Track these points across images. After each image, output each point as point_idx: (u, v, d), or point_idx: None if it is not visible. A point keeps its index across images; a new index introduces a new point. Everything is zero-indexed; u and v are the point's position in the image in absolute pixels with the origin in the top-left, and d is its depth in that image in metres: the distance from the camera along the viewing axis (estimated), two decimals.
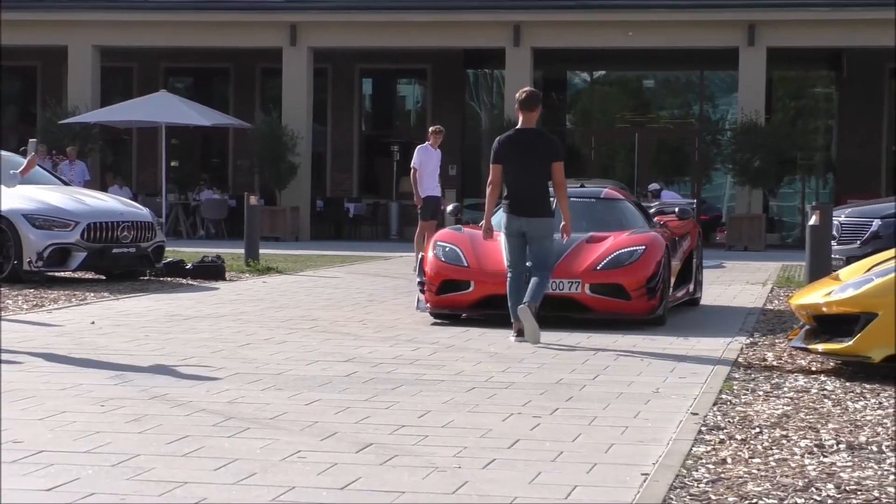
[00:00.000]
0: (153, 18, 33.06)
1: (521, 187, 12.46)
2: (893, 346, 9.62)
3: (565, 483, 6.27)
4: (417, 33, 32.23)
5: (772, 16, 30.53)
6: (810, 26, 30.70)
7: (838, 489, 6.19)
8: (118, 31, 32.98)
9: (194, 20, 32.95)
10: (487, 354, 11.09)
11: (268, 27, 32.39)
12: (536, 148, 12.50)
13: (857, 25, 30.52)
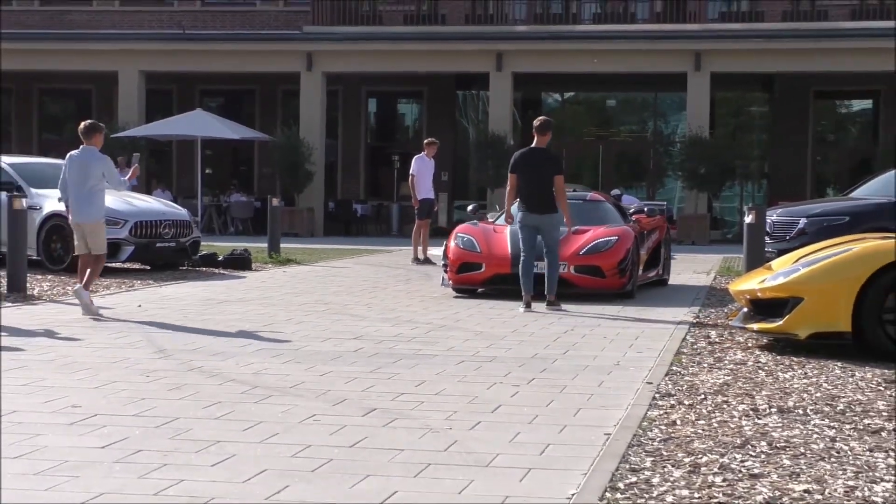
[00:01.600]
0: (191, 48, 33.01)
1: (531, 192, 13.43)
2: (816, 325, 9.65)
3: (540, 441, 6.29)
4: (415, 60, 32.21)
5: (715, 45, 30.54)
6: (747, 55, 30.73)
7: (770, 446, 6.21)
8: (161, 58, 32.96)
9: (225, 49, 32.91)
10: (474, 333, 11.09)
11: (288, 55, 32.37)
12: (543, 164, 13.55)
13: (787, 54, 30.55)
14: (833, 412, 7.21)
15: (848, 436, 6.51)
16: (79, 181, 12.59)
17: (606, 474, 5.52)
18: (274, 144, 32.14)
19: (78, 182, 12.61)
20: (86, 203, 12.55)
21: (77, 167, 12.67)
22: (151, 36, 33.90)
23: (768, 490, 5.29)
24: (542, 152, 13.68)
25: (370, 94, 35.83)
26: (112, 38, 33.57)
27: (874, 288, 9.44)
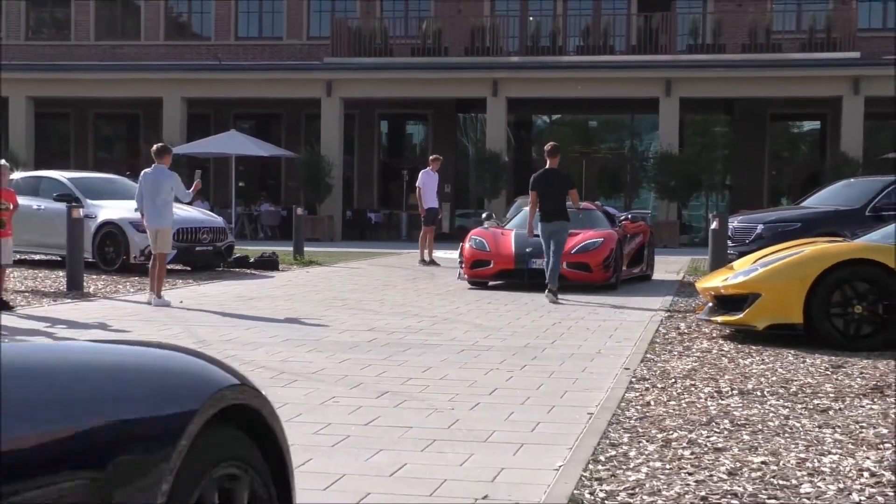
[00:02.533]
0: (226, 77, 33.05)
1: (548, 204, 14.10)
2: (772, 318, 9.67)
3: (531, 420, 6.31)
4: (421, 87, 32.21)
5: (683, 74, 30.56)
6: (711, 82, 30.75)
7: (732, 423, 6.22)
8: (200, 86, 32.99)
9: (256, 78, 32.93)
10: (474, 325, 11.10)
11: (310, 83, 32.37)
12: (557, 182, 14.27)
13: (745, 81, 30.58)
14: (787, 394, 7.22)
15: (800, 414, 6.52)
16: (152, 193, 13.38)
17: (589, 448, 5.53)
18: (298, 161, 32.18)
19: (151, 194, 13.38)
20: (158, 212, 13.38)
21: (150, 182, 13.43)
22: (192, 67, 33.92)
23: (730, 462, 5.30)
24: (555, 172, 14.39)
25: (382, 116, 35.83)
26: (158, 69, 33.61)
27: (822, 285, 9.47)
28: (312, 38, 35.86)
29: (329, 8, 35.84)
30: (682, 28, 33.76)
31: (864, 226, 13.50)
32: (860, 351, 9.15)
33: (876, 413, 6.58)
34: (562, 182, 14.29)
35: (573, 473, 5.02)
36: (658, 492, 4.75)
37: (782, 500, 4.63)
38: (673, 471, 5.12)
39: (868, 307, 9.42)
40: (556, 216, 14.06)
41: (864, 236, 10.99)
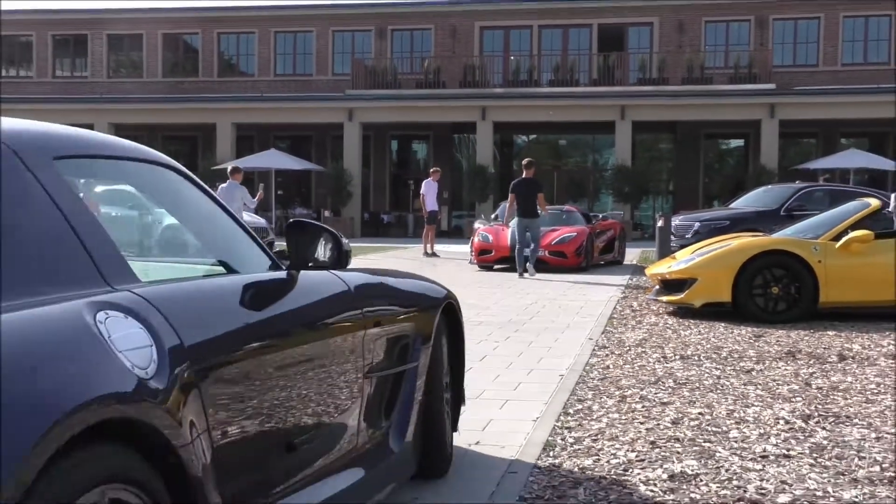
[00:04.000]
0: (267, 106, 33.04)
1: (524, 205, 15.00)
2: (707, 297, 9.69)
3: (514, 381, 6.31)
4: (424, 113, 32.19)
5: (634, 102, 30.56)
6: (657, 108, 30.75)
7: (675, 382, 6.22)
8: (246, 113, 32.98)
9: (291, 107, 32.92)
10: (467, 305, 11.00)
11: (335, 110, 32.35)
12: (531, 188, 15.14)
13: (685, 107, 30.57)
14: (718, 358, 7.22)
15: (729, 374, 6.53)
16: (227, 201, 13.73)
17: (560, 403, 5.53)
18: (325, 173, 32.18)
19: (227, 202, 13.81)
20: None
21: (225, 193, 14.55)
22: (240, 98, 33.90)
23: (674, 413, 5.30)
24: (530, 181, 15.22)
25: (392, 137, 35.81)
26: (213, 100, 33.59)
27: (747, 271, 9.52)
28: (336, 75, 35.85)
29: (350, 50, 35.93)
30: (633, 65, 33.84)
31: (779, 223, 13.52)
32: (776, 323, 9.18)
33: (789, 373, 6.59)
34: (534, 188, 15.17)
35: (548, 423, 5.02)
36: (616, 437, 4.76)
37: (715, 443, 4.63)
38: (628, 420, 5.12)
39: (783, 288, 9.46)
40: (528, 214, 14.99)
41: (779, 232, 11.01)
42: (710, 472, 4.15)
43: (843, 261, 9.45)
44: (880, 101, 28.75)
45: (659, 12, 34.40)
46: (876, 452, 4.49)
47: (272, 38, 36.65)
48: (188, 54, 37.62)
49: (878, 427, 5.01)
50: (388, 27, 35.91)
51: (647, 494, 3.83)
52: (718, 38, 34.04)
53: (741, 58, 32.93)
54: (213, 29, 36.99)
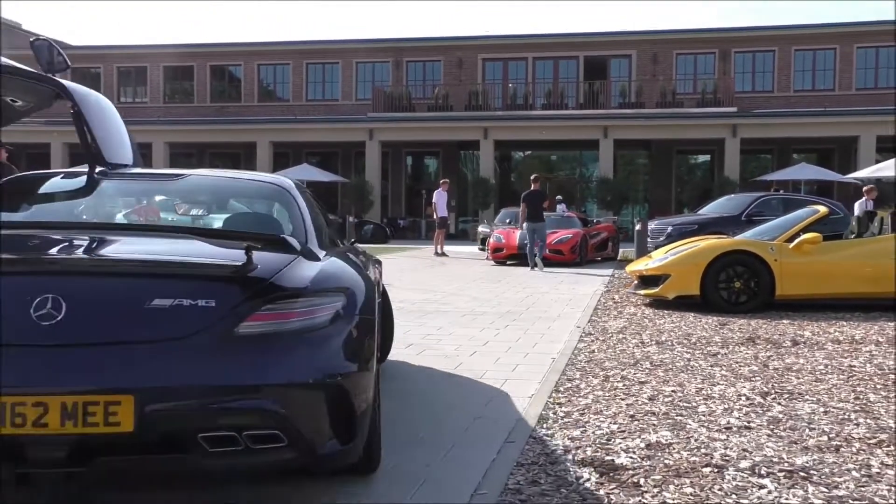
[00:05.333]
0: (299, 126, 33.03)
1: (532, 211, 15.89)
2: (679, 291, 9.66)
3: (512, 363, 6.29)
4: (434, 132, 32.18)
5: (615, 123, 30.46)
6: (635, 128, 30.65)
7: (651, 364, 6.20)
8: (282, 133, 32.99)
9: (320, 127, 32.92)
10: (472, 298, 11.08)
11: (358, 131, 32.34)
12: (538, 198, 16.05)
13: (659, 127, 30.50)
14: (689, 343, 7.20)
15: (698, 357, 6.50)
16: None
17: (552, 382, 5.52)
18: (350, 184, 32.15)
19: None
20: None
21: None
22: (276, 120, 33.90)
23: (650, 391, 5.28)
24: (537, 192, 16.17)
25: (407, 153, 35.79)
26: (253, 121, 33.63)
27: (713, 268, 9.48)
28: (359, 100, 35.85)
29: (370, 79, 35.93)
30: (615, 91, 33.75)
31: (741, 227, 13.48)
32: (739, 313, 9.14)
33: (750, 356, 6.56)
34: (540, 198, 16.15)
35: (541, 400, 5.01)
36: (600, 412, 4.74)
37: (685, 417, 4.61)
38: (610, 397, 5.11)
39: (744, 283, 9.42)
40: (535, 219, 15.92)
41: (741, 234, 10.97)
42: (681, 441, 4.13)
43: (795, 259, 9.42)
44: (827, 121, 28.87)
45: (637, 46, 34.38)
46: (824, 424, 4.47)
47: (304, 69, 36.67)
48: (232, 82, 37.66)
49: (826, 402, 4.98)
50: (404, 59, 35.91)
51: (626, 461, 3.81)
52: (688, 67, 33.99)
53: (707, 85, 32.86)
54: (253, 61, 37.03)
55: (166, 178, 4.67)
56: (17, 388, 2.63)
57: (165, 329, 2.79)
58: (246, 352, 2.81)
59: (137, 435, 2.67)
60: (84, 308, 2.79)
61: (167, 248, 3.40)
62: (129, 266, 3.09)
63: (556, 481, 3.53)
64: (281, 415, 2.79)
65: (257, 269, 3.03)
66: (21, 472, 2.66)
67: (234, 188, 4.75)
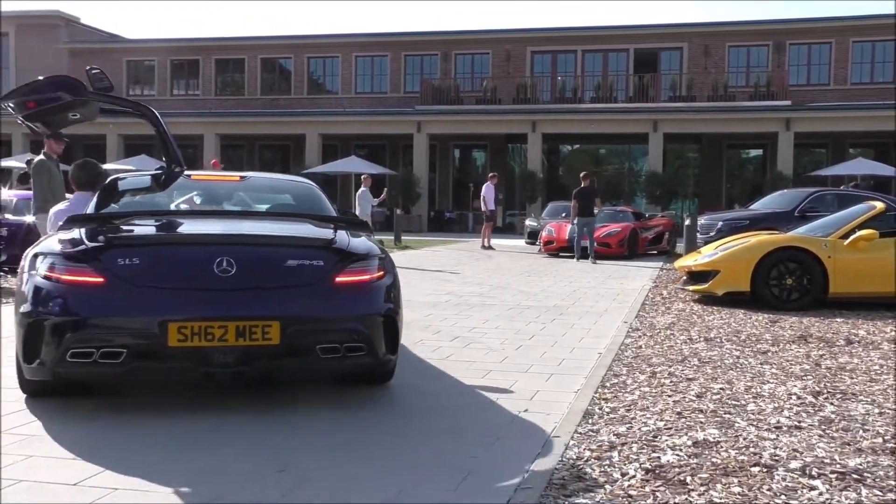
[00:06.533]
0: (348, 119, 33.20)
1: (583, 206, 16.49)
2: (728, 287, 9.54)
3: (558, 357, 6.26)
4: (481, 125, 32.15)
5: (665, 116, 30.09)
6: (685, 122, 30.26)
7: (699, 361, 6.13)
8: (331, 126, 33.19)
9: (369, 119, 33.05)
10: (518, 291, 11.06)
11: (406, 123, 32.43)
12: (588, 194, 16.58)
13: (710, 121, 30.07)
14: (738, 340, 7.09)
15: (747, 355, 6.40)
16: (364, 201, 17.48)
17: (598, 378, 5.48)
18: (397, 177, 32.25)
19: (361, 201, 17.47)
20: (363, 211, 17.22)
21: (362, 194, 17.46)
22: (325, 112, 34.10)
23: (698, 388, 5.22)
24: (588, 188, 16.67)
25: (455, 146, 35.80)
26: (302, 114, 33.87)
27: (764, 264, 9.34)
28: (407, 93, 35.94)
29: (419, 71, 35.97)
30: (665, 84, 33.36)
31: (793, 223, 13.22)
32: (790, 310, 8.99)
33: (801, 354, 6.44)
34: (591, 194, 16.60)
35: (587, 395, 4.98)
36: (646, 408, 4.70)
37: (734, 415, 4.55)
38: (657, 394, 5.05)
39: (796, 280, 9.26)
40: (586, 214, 16.52)
41: (793, 230, 10.78)
42: (729, 439, 4.07)
43: (850, 256, 9.23)
44: (884, 115, 28.10)
45: (688, 38, 33.90)
46: (879, 426, 4.37)
47: (353, 61, 36.87)
48: (282, 75, 38.01)
49: (881, 403, 4.87)
50: (452, 52, 35.88)
51: (673, 458, 3.77)
52: (740, 60, 33.45)
53: (760, 78, 32.32)
54: (303, 54, 37.33)
55: (231, 179, 6.39)
56: (208, 316, 4.08)
57: (296, 279, 4.32)
58: (342, 294, 4.37)
59: (281, 346, 4.13)
60: (247, 266, 4.28)
61: (288, 226, 4.97)
62: (272, 239, 4.61)
63: (601, 477, 3.51)
64: (364, 334, 4.35)
65: (338, 240, 4.70)
66: (207, 371, 4.15)
67: (281, 184, 6.58)
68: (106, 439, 3.91)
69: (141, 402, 4.62)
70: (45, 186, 8.48)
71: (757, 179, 32.62)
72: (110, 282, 4.13)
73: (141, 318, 4.06)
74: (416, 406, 4.67)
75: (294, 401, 4.70)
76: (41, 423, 4.19)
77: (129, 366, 4.06)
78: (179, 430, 4.07)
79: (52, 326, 4.08)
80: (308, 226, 5.03)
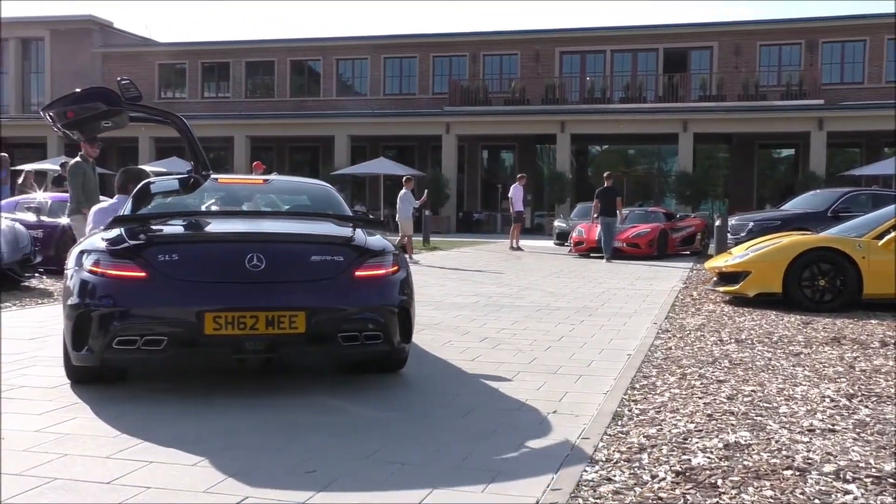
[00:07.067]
0: (377, 121, 33.32)
1: (604, 206, 16.86)
2: (760, 288, 9.45)
3: (587, 359, 6.23)
4: (510, 126, 32.11)
5: (695, 116, 29.84)
6: (716, 122, 30.00)
7: (730, 363, 6.06)
8: (359, 127, 33.30)
9: (397, 121, 33.14)
10: (547, 292, 11.02)
11: (434, 124, 32.47)
12: (610, 195, 17.02)
13: (740, 121, 29.80)
14: (770, 342, 7.01)
15: (779, 357, 6.33)
16: (406, 202, 17.67)
17: (628, 379, 5.44)
18: (426, 178, 32.28)
19: (403, 203, 17.68)
20: (402, 212, 17.62)
21: (404, 195, 17.72)
22: (354, 114, 34.24)
23: (729, 390, 5.16)
24: (610, 188, 17.15)
25: (483, 147, 35.80)
26: (331, 115, 34.02)
27: (796, 265, 9.24)
28: (436, 94, 35.99)
29: (447, 72, 36.04)
30: (695, 84, 33.13)
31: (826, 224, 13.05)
32: (823, 312, 8.88)
33: (834, 357, 6.36)
34: (612, 195, 17.01)
35: (616, 396, 4.95)
36: (677, 410, 4.66)
37: (766, 417, 4.49)
38: (687, 395, 5.01)
39: (829, 281, 9.15)
40: (608, 214, 16.86)
41: (826, 231, 10.64)
42: (761, 442, 4.02)
43: (884, 257, 9.09)
44: None
45: (718, 37, 33.62)
46: None
47: (382, 63, 36.99)
48: (311, 77, 38.24)
49: None
50: (481, 53, 35.87)
51: (704, 460, 3.73)
52: (772, 59, 33.11)
53: (792, 76, 31.98)
54: (332, 56, 37.52)
55: (255, 182, 6.94)
56: (241, 307, 4.44)
57: (319, 273, 4.68)
58: (361, 287, 4.75)
59: (307, 334, 4.50)
60: (275, 261, 4.63)
61: (311, 226, 5.31)
62: (298, 237, 4.96)
63: (630, 479, 3.48)
64: (381, 323, 4.72)
65: (357, 238, 5.07)
66: (239, 357, 4.58)
67: (301, 186, 7.13)
68: (138, 440, 3.95)
69: (171, 403, 4.66)
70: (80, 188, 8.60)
71: (789, 179, 32.27)
72: (152, 276, 4.52)
73: (180, 308, 4.44)
74: (444, 408, 4.67)
75: (323, 403, 4.72)
76: (76, 422, 4.25)
77: (169, 352, 4.44)
78: (207, 435, 4.10)
79: (99, 317, 4.48)
80: (329, 224, 5.39)
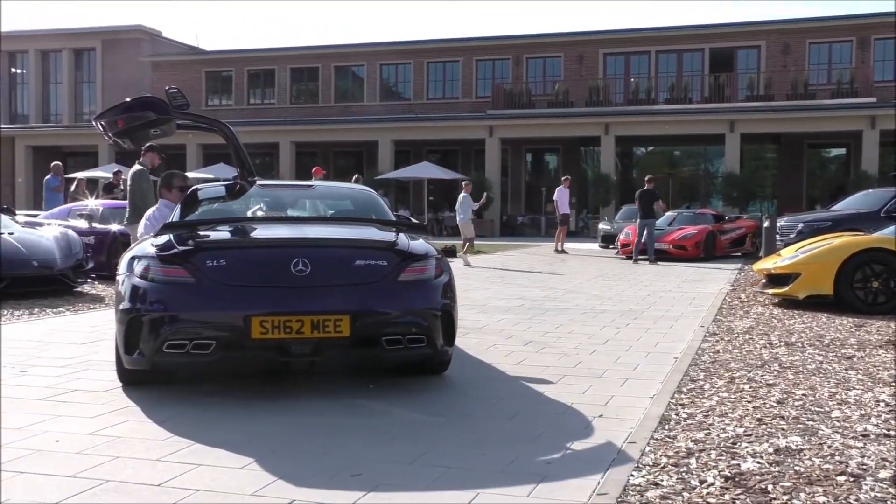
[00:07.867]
0: (420, 125, 33.44)
1: (645, 209, 17.15)
2: (810, 290, 9.28)
3: (633, 362, 6.17)
4: (554, 129, 31.97)
5: (742, 116, 29.45)
6: (763, 121, 29.57)
7: (780, 366, 5.96)
8: (403, 132, 33.45)
9: (440, 125, 33.21)
10: (592, 295, 10.94)
11: (477, 128, 32.47)
12: (650, 197, 17.26)
13: (789, 121, 29.31)
14: (821, 345, 6.88)
15: (831, 360, 6.20)
16: (465, 205, 18.04)
17: (675, 383, 5.38)
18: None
19: (462, 207, 18.04)
20: (462, 215, 18.15)
21: (463, 199, 18.09)
22: (397, 118, 34.42)
23: (779, 394, 5.08)
24: (650, 191, 17.36)
25: (527, 150, 35.70)
26: (375, 120, 34.25)
27: (848, 266, 9.07)
28: (479, 98, 35.99)
29: (490, 76, 36.04)
30: (742, 83, 32.67)
31: (878, 224, 12.75)
32: (876, 315, 8.69)
33: (889, 360, 6.21)
34: (653, 197, 17.31)
35: (663, 400, 4.89)
36: (725, 414, 4.59)
37: (818, 422, 4.40)
38: (736, 399, 4.93)
39: (882, 283, 8.96)
40: (648, 216, 17.18)
41: (878, 231, 10.41)
42: (813, 447, 3.94)
43: None
44: None
45: (766, 36, 33.14)
46: None
47: (425, 67, 37.11)
48: (355, 82, 38.51)
49: None
50: (524, 56, 35.80)
51: (754, 465, 3.67)
52: (822, 57, 32.52)
53: (843, 74, 31.36)
54: (375, 61, 37.75)
55: (301, 187, 7.22)
56: (287, 311, 4.51)
57: (363, 277, 4.73)
58: (405, 291, 4.79)
59: (351, 338, 4.55)
60: (321, 266, 4.71)
61: (354, 230, 5.40)
62: (343, 242, 5.06)
63: (678, 484, 3.44)
64: (424, 326, 4.76)
65: (400, 242, 5.11)
66: (284, 360, 4.60)
67: (344, 191, 7.21)
68: (187, 443, 4.01)
69: (217, 405, 4.72)
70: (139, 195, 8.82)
71: (840, 179, 31.65)
72: (200, 281, 4.62)
73: (227, 313, 4.53)
74: (488, 411, 4.66)
75: (367, 406, 4.74)
76: (127, 425, 4.32)
77: (217, 356, 4.53)
78: (254, 438, 4.14)
79: (150, 321, 4.58)
80: (372, 229, 5.48)
